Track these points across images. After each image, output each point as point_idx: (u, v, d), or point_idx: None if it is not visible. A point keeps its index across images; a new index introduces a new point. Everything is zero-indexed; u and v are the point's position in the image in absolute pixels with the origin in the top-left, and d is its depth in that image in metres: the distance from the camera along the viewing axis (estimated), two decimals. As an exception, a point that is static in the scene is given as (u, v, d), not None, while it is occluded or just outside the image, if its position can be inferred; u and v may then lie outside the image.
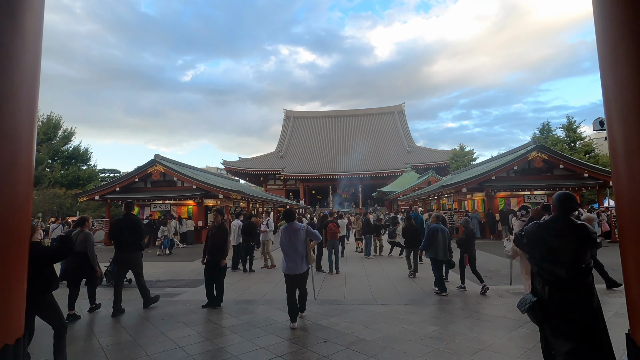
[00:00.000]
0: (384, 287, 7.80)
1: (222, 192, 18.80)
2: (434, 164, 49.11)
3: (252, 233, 10.52)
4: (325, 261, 9.99)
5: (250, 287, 8.11)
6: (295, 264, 5.12)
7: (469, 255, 7.12)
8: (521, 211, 7.13)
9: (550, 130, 50.65)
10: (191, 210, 20.01)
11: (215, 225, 6.33)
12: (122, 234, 6.05)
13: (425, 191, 24.34)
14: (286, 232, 5.25)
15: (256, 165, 56.46)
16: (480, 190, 18.44)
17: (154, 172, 19.44)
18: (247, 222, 10.61)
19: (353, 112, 76.12)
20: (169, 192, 19.72)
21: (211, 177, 23.49)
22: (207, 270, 6.17)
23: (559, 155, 17.71)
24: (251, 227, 10.53)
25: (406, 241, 9.48)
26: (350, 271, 9.92)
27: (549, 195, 18.11)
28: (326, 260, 9.77)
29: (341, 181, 50.89)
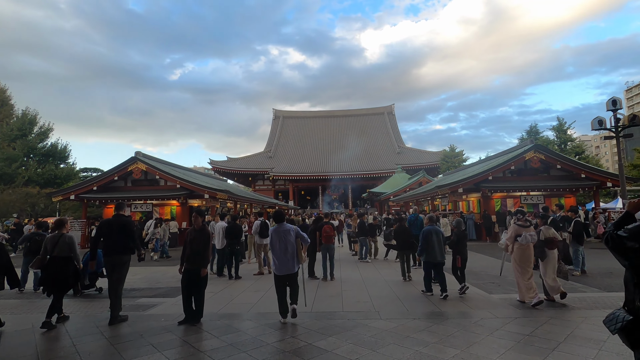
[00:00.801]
0: (385, 296, 7.03)
1: (207, 192, 17.79)
2: (425, 165, 48.83)
3: (237, 236, 9.63)
4: (319, 266, 9.18)
5: (236, 297, 7.23)
6: (286, 264, 5.20)
7: (461, 256, 6.86)
8: (517, 215, 6.75)
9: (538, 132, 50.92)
10: (175, 210, 18.92)
11: (195, 228, 5.45)
12: (112, 236, 5.58)
13: (419, 192, 23.76)
14: (277, 233, 5.27)
15: (244, 165, 55.24)
16: (476, 190, 17.91)
17: (135, 170, 18.30)
18: (231, 224, 9.72)
19: (343, 112, 75.59)
20: (151, 192, 18.59)
21: (196, 176, 22.40)
22: (184, 281, 5.27)
23: (556, 155, 17.31)
24: (236, 229, 9.64)
25: (398, 244, 9.04)
26: (346, 277, 9.12)
27: (545, 196, 17.70)
28: (321, 265, 8.95)
29: (331, 182, 50.15)
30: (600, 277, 8.56)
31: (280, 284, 5.27)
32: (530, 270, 6.17)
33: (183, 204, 18.85)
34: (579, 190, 17.97)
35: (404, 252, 8.72)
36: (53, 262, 5.42)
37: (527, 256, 6.18)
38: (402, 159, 53.16)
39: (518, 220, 6.46)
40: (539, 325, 4.97)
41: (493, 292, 7.23)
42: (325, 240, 8.67)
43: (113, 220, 5.74)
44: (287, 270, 5.21)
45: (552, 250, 6.26)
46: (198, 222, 5.42)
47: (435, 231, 6.89)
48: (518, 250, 6.20)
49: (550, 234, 6.32)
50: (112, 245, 5.59)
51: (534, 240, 6.13)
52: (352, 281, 8.59)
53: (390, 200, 36.76)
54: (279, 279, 5.26)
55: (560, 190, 17.32)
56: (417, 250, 7.52)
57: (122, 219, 5.76)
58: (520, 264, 6.17)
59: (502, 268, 7.56)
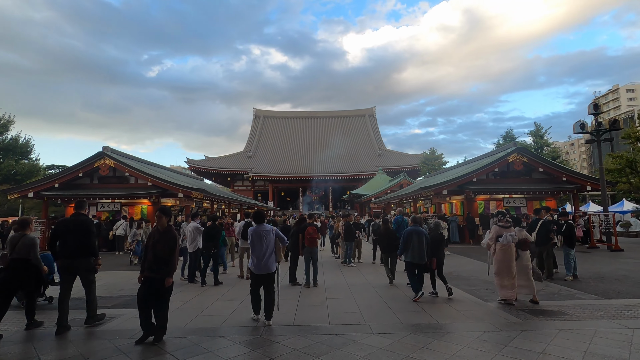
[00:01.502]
0: (375, 305, 6.40)
1: (181, 191, 16.71)
2: (405, 167, 49.02)
3: (215, 238, 8.80)
4: (301, 271, 8.46)
5: (208, 308, 6.41)
6: (264, 263, 5.20)
7: (436, 258, 6.90)
8: (498, 216, 7.07)
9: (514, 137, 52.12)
10: (146, 210, 17.69)
11: (159, 229, 4.62)
12: (69, 237, 5.18)
13: (402, 193, 23.44)
14: (257, 233, 5.29)
15: (223, 164, 53.74)
16: (459, 193, 17.69)
17: (102, 167, 16.97)
18: (211, 226, 8.88)
19: (324, 113, 75.22)
20: (120, 190, 17.30)
21: (170, 173, 21.17)
22: (143, 292, 4.43)
23: (539, 158, 17.34)
24: (215, 232, 8.81)
25: (382, 246, 8.74)
26: (330, 283, 8.45)
27: (527, 199, 17.70)
28: (302, 270, 8.24)
29: (311, 183, 49.52)
30: (594, 282, 8.27)
31: (256, 283, 5.30)
32: (513, 270, 6.28)
33: (155, 203, 17.64)
34: (560, 193, 18.09)
35: (389, 255, 8.46)
36: (13, 264, 5.14)
37: (508, 256, 6.32)
38: (383, 161, 53.21)
39: (499, 221, 6.62)
40: (550, 339, 4.46)
41: (488, 299, 6.74)
42: (309, 243, 7.97)
43: (71, 219, 5.31)
44: (266, 269, 5.22)
45: (525, 251, 6.53)
46: (162, 223, 4.59)
47: (416, 232, 6.83)
48: (500, 250, 6.37)
49: (523, 236, 6.58)
50: (70, 248, 5.14)
51: (514, 241, 6.32)
52: (337, 288, 7.92)
53: (371, 202, 36.49)
54: (257, 278, 5.27)
55: (542, 193, 17.35)
56: None
57: (81, 219, 5.32)
58: (502, 263, 6.31)
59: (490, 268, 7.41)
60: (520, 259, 6.42)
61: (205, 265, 8.72)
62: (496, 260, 6.39)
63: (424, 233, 6.88)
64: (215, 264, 8.72)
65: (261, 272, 5.22)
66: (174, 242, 4.49)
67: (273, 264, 5.30)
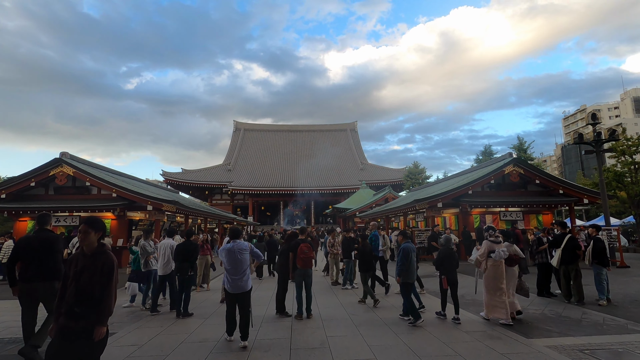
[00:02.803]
0: (392, 346, 4.95)
1: (151, 202, 14.83)
2: (389, 181, 48.30)
3: (191, 257, 7.16)
4: (291, 298, 6.93)
5: (172, 354, 4.77)
6: (239, 282, 5.06)
7: (447, 277, 6.18)
8: (489, 231, 6.78)
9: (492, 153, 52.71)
10: (109, 225, 15.63)
11: (86, 253, 3.02)
12: (33, 257, 4.56)
13: (392, 206, 22.25)
14: (231, 251, 5.13)
15: (201, 178, 51.38)
16: (454, 206, 16.68)
17: (59, 175, 14.91)
18: (184, 243, 7.26)
19: (306, 127, 74.48)
20: (80, 202, 15.24)
21: (139, 184, 19.15)
22: (52, 350, 2.80)
23: (536, 170, 16.62)
24: (190, 250, 7.17)
25: (360, 265, 7.90)
26: (326, 313, 6.93)
27: (524, 212, 16.87)
28: (292, 297, 6.71)
29: (293, 197, 47.98)
30: (632, 306, 7.15)
31: (232, 303, 5.16)
32: (504, 287, 6.05)
33: (120, 216, 15.65)
34: (557, 206, 17.38)
35: (367, 274, 7.79)
36: None
37: (500, 272, 6.08)
38: (365, 176, 52.39)
39: (490, 236, 6.40)
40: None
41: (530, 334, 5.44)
42: (303, 264, 6.47)
43: (34, 237, 4.71)
44: (241, 288, 5.07)
45: (512, 267, 6.32)
46: (90, 242, 2.97)
47: (412, 249, 6.47)
48: (492, 267, 6.13)
49: (513, 251, 6.33)
50: (34, 270, 4.52)
51: (505, 256, 6.09)
52: (336, 320, 6.43)
53: (356, 216, 35.26)
54: (232, 297, 5.13)
55: (539, 206, 16.57)
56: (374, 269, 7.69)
57: (46, 235, 4.73)
58: (493, 280, 6.10)
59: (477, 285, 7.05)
60: (507, 274, 6.20)
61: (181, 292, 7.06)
62: (487, 277, 6.19)
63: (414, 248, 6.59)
64: (187, 290, 7.06)
65: (237, 291, 5.05)
66: (110, 272, 2.90)
67: (248, 282, 5.16)
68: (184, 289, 6.99)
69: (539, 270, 8.34)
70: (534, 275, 10.95)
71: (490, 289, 6.11)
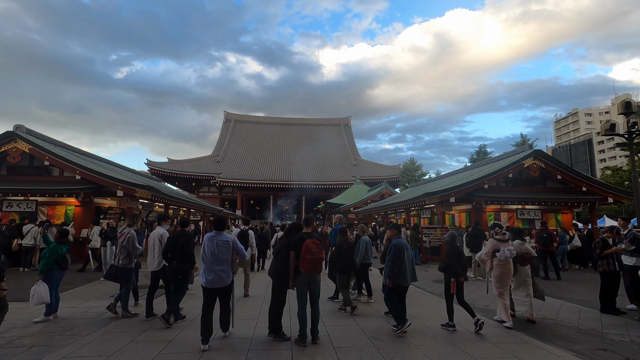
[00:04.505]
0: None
1: (121, 187, 12.70)
2: (384, 177, 46.63)
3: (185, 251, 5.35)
4: (290, 314, 5.03)
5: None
6: (218, 276, 4.59)
7: (456, 280, 5.43)
8: (495, 229, 6.25)
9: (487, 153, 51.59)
10: (72, 212, 13.44)
11: None
12: None
13: (393, 202, 20.44)
14: (211, 242, 4.67)
15: (188, 168, 48.86)
16: (465, 201, 14.97)
17: (12, 152, 12.65)
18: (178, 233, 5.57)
19: (298, 120, 72.48)
20: (37, 184, 12.99)
21: (111, 167, 16.90)
22: None
23: (558, 164, 15.00)
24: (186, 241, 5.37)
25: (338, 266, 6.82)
26: (339, 336, 5.06)
27: (543, 210, 15.28)
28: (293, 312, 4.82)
29: (283, 191, 46.08)
30: None
31: (210, 300, 4.64)
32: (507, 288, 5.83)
33: (86, 202, 13.45)
34: (579, 205, 15.84)
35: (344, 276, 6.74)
36: None
37: (506, 272, 5.76)
38: (359, 171, 50.65)
39: (496, 234, 6.04)
40: None
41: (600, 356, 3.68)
42: (308, 267, 4.57)
43: None
44: (221, 282, 4.59)
45: (524, 266, 5.99)
46: None
47: (405, 246, 5.53)
48: (497, 266, 5.79)
49: (523, 250, 6.02)
50: None
51: (512, 255, 5.73)
52: (356, 349, 4.55)
53: (350, 212, 33.52)
54: (209, 293, 4.63)
55: (561, 204, 14.97)
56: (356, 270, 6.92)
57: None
58: (500, 280, 5.77)
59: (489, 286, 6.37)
60: (519, 274, 5.93)
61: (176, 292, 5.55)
62: (494, 277, 5.85)
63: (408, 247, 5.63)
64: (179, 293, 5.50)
65: (212, 285, 4.59)
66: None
67: (229, 276, 4.70)
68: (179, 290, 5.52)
69: (602, 280, 6.63)
70: (585, 284, 9.31)
71: (498, 289, 5.77)
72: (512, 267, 5.77)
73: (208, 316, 4.52)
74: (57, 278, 5.75)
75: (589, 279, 10.68)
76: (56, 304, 5.84)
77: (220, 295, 4.66)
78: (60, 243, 5.80)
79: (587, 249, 13.91)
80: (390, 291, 5.36)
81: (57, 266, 5.64)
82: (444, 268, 5.53)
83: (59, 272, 5.75)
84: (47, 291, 5.37)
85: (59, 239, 5.85)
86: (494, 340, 4.88)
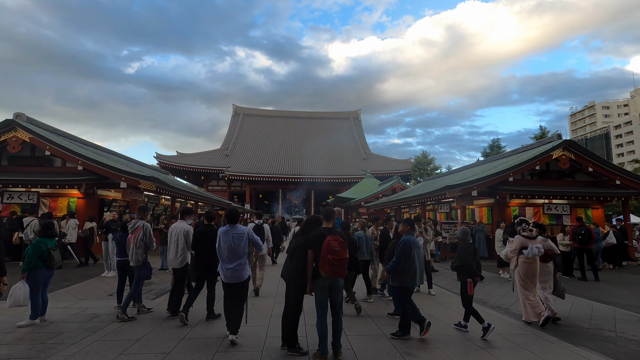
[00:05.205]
0: None
1: (125, 178, 12.10)
2: (395, 172, 45.58)
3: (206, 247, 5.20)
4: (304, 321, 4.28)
5: None
6: (235, 271, 4.50)
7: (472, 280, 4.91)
8: (522, 225, 5.85)
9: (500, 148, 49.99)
10: (74, 205, 12.92)
11: None
12: None
13: (407, 196, 19.54)
14: (227, 236, 4.54)
15: (197, 162, 48.46)
16: (488, 195, 14.02)
17: (12, 141, 12.13)
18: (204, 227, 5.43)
19: (308, 114, 71.54)
20: (38, 175, 12.47)
21: (115, 157, 16.35)
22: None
23: (590, 156, 13.90)
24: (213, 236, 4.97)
25: None
26: (362, 348, 4.30)
27: (572, 205, 14.25)
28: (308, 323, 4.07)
29: (292, 185, 45.41)
30: None
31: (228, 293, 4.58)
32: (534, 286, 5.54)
33: (89, 194, 12.90)
34: (611, 199, 14.74)
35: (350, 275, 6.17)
36: None
37: (532, 271, 5.50)
38: (369, 165, 49.65)
39: (523, 230, 5.75)
40: None
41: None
42: (330, 270, 3.79)
43: None
44: (237, 278, 4.50)
45: (547, 263, 5.77)
46: None
47: (415, 244, 4.97)
48: (523, 264, 5.52)
49: (548, 246, 5.81)
50: None
51: (540, 253, 5.43)
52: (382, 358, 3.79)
53: (361, 206, 32.71)
54: (228, 287, 4.56)
55: (593, 198, 13.90)
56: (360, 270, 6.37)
57: None
58: (525, 279, 5.51)
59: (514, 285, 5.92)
60: (541, 271, 5.71)
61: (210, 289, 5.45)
62: (518, 275, 5.63)
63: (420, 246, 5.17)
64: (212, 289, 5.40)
65: (230, 280, 4.49)
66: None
67: (246, 271, 4.57)
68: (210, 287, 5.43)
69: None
70: (629, 286, 8.38)
71: (523, 288, 5.54)
72: (538, 265, 5.57)
73: (231, 308, 4.47)
74: (43, 277, 5.06)
75: (630, 280, 9.73)
76: (44, 306, 5.20)
77: (235, 292, 4.50)
78: (44, 237, 5.12)
79: (622, 247, 12.93)
80: (402, 293, 4.83)
81: (42, 264, 4.96)
82: (458, 267, 5.06)
83: (45, 271, 5.05)
84: (26, 294, 4.71)
85: (43, 233, 5.16)
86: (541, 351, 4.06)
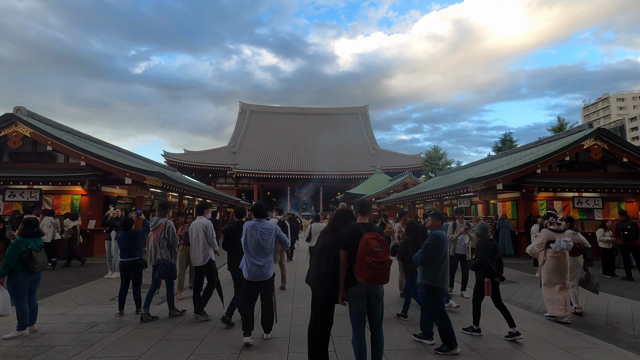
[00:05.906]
0: None
1: (129, 174, 11.51)
2: (405, 167, 44.66)
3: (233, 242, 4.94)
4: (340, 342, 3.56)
5: None
6: (261, 268, 4.28)
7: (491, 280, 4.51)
8: (549, 219, 5.70)
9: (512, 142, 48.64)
10: (78, 202, 12.39)
11: None
12: None
13: (425, 190, 18.64)
14: (255, 230, 4.30)
15: (204, 159, 48.09)
16: (513, 188, 13.15)
17: (12, 137, 11.61)
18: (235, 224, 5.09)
19: (315, 110, 70.82)
20: (40, 171, 11.95)
21: (119, 153, 15.79)
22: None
23: (625, 145, 12.91)
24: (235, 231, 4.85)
25: None
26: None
27: (604, 198, 13.30)
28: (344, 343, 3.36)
29: (300, 182, 44.78)
30: None
31: (252, 293, 4.33)
32: (566, 282, 5.32)
33: (93, 191, 12.37)
34: (646, 193, 13.72)
35: None
36: None
37: (562, 265, 5.31)
38: (378, 161, 48.74)
39: (550, 224, 5.61)
40: None
41: None
42: (369, 276, 3.06)
43: None
44: (265, 275, 4.29)
45: (576, 257, 5.65)
46: None
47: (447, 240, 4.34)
48: (551, 258, 5.35)
49: (577, 240, 5.66)
50: None
51: (569, 247, 5.27)
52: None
53: (372, 202, 31.91)
54: (252, 287, 4.30)
55: (628, 191, 12.92)
56: None
57: None
58: (553, 274, 5.34)
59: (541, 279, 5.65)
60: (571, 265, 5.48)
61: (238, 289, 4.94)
62: (546, 270, 5.42)
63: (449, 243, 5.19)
64: None
65: (255, 278, 4.25)
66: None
67: (270, 269, 4.35)
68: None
69: None
70: None
71: (549, 282, 5.38)
72: (567, 260, 5.37)
73: (251, 310, 4.28)
74: (25, 282, 4.38)
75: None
76: (32, 314, 4.56)
77: (262, 290, 4.33)
78: (26, 236, 4.46)
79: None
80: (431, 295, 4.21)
81: (22, 267, 4.29)
82: (476, 266, 4.66)
83: (25, 276, 4.38)
84: (6, 301, 4.08)
85: (25, 231, 4.50)
86: None
